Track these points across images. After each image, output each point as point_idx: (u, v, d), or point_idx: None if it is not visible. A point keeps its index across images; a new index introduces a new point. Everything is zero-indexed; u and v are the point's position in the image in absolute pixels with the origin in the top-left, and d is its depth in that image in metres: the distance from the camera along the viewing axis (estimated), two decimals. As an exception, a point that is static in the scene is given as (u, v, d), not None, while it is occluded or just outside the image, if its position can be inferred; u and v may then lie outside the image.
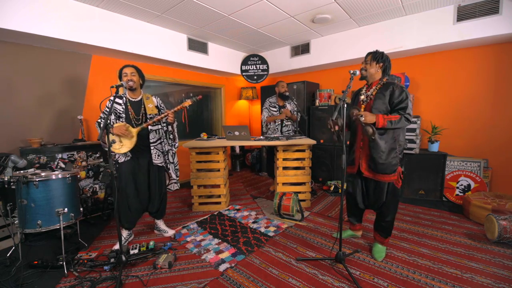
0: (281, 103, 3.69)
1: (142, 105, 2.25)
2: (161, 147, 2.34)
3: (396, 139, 1.93)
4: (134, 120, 2.21)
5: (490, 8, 2.81)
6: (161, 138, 2.33)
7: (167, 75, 4.26)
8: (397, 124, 1.83)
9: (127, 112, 2.19)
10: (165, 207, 2.55)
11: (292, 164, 3.21)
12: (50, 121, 3.02)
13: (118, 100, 2.22)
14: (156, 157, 2.30)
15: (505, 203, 2.64)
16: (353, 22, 3.58)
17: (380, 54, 1.97)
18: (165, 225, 2.61)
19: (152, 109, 2.28)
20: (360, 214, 2.32)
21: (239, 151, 5.49)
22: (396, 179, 1.97)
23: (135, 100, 2.25)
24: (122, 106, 2.20)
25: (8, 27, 2.36)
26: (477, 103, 3.29)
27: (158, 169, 2.36)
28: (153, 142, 2.29)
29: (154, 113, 2.27)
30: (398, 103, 1.86)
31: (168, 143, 2.40)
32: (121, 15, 3.19)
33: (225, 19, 3.40)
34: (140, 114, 2.23)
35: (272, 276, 1.88)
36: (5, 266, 2.01)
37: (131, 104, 2.22)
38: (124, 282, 1.83)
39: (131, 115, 2.20)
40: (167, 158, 2.43)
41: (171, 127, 2.38)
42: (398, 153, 1.95)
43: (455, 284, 1.75)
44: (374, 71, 1.97)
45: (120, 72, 2.23)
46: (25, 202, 1.94)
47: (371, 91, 1.99)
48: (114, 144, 2.07)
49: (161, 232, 2.57)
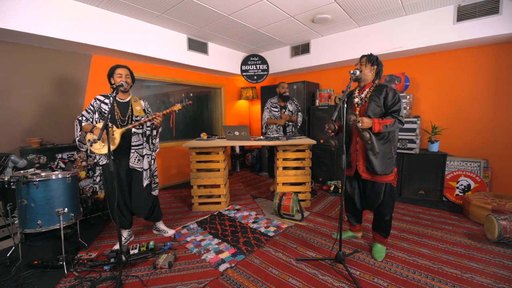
0: (282, 104, 3.70)
1: (129, 107, 2.21)
2: (141, 151, 2.27)
3: (390, 140, 1.96)
4: (120, 121, 2.16)
5: (490, 8, 2.81)
6: (143, 143, 2.27)
7: (167, 75, 4.26)
8: (392, 127, 1.86)
9: (113, 112, 2.13)
10: (159, 210, 2.51)
11: (292, 164, 3.21)
12: (50, 121, 3.02)
13: (105, 99, 2.17)
14: (135, 161, 2.21)
15: (505, 203, 2.64)
16: (353, 22, 3.58)
17: (374, 57, 2.02)
18: (164, 225, 2.60)
19: (139, 111, 2.24)
20: (359, 215, 2.34)
21: (239, 151, 5.49)
22: (393, 179, 1.99)
23: (123, 101, 2.21)
24: (108, 106, 2.14)
25: (8, 27, 2.36)
26: (477, 103, 3.29)
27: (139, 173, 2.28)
28: (135, 145, 2.22)
29: (141, 115, 2.25)
30: (392, 106, 1.90)
31: (150, 148, 2.31)
32: (121, 15, 3.19)
33: (225, 19, 3.40)
34: (126, 115, 2.18)
35: (272, 276, 1.88)
36: (5, 266, 2.01)
37: (118, 105, 2.18)
38: (124, 282, 1.83)
39: (117, 116, 2.15)
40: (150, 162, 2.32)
41: (156, 131, 2.32)
42: (393, 154, 1.98)
43: (455, 284, 1.75)
44: (368, 72, 2.00)
45: (111, 72, 2.16)
46: (25, 202, 1.94)
47: (364, 93, 2.01)
48: (95, 144, 2.00)
49: (161, 233, 2.56)
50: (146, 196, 2.34)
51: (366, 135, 1.79)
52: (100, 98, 2.18)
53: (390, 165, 1.95)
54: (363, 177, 2.04)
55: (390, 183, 1.99)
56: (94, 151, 2.10)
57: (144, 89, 4.10)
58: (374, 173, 1.97)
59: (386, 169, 1.94)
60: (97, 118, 2.15)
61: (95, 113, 2.14)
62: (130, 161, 2.20)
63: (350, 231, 2.44)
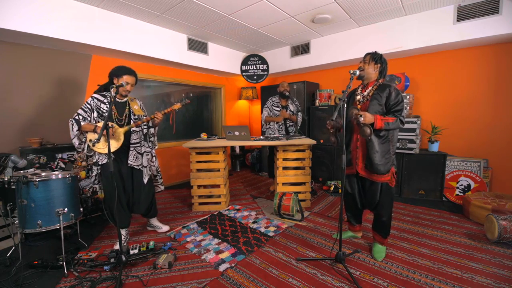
0: (284, 103, 3.70)
1: (126, 107, 2.23)
2: (140, 149, 2.31)
3: (390, 139, 1.96)
4: (117, 121, 2.18)
5: (490, 8, 2.81)
6: (141, 141, 2.31)
7: (167, 75, 4.26)
8: (393, 126, 1.86)
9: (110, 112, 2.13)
10: (156, 207, 2.59)
11: (292, 164, 3.21)
12: (50, 121, 3.02)
13: (102, 98, 2.16)
14: (134, 159, 2.25)
15: (505, 203, 2.64)
16: (353, 22, 3.58)
17: (378, 55, 2.00)
18: (158, 221, 2.64)
19: (138, 110, 2.28)
20: (359, 214, 2.33)
21: (239, 151, 5.49)
22: (390, 179, 1.97)
23: (120, 101, 2.23)
24: (106, 105, 2.15)
25: (8, 27, 2.36)
26: (477, 103, 3.29)
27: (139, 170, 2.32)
28: (134, 143, 2.26)
29: (140, 114, 2.28)
30: (394, 105, 1.90)
31: (148, 145, 2.38)
32: (121, 15, 3.19)
33: (225, 19, 3.40)
34: (123, 115, 2.20)
35: (272, 276, 1.88)
36: (5, 266, 2.01)
37: (116, 104, 2.19)
38: (124, 282, 1.83)
39: (114, 115, 2.16)
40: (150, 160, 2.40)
41: (154, 129, 2.38)
42: (391, 154, 1.97)
43: (455, 284, 1.75)
44: (371, 71, 1.99)
45: (118, 74, 2.15)
46: (25, 202, 1.94)
47: (367, 91, 2.00)
48: (98, 143, 1.98)
49: (155, 228, 2.59)
50: (146, 192, 2.39)
51: (367, 130, 1.78)
52: (99, 98, 2.16)
53: (385, 165, 1.94)
54: (360, 174, 2.05)
55: (386, 183, 1.98)
56: (97, 151, 2.10)
57: (144, 89, 4.10)
58: (372, 171, 1.97)
59: (381, 169, 1.93)
60: (95, 117, 2.13)
61: (93, 111, 2.12)
62: (129, 159, 2.23)
63: (350, 231, 2.44)
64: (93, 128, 2.05)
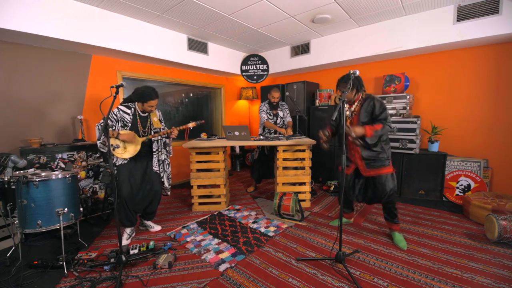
0: (274, 112, 3.70)
1: (148, 119, 2.49)
2: (160, 156, 2.57)
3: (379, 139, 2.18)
4: (141, 132, 2.43)
5: (490, 8, 2.81)
6: (160, 148, 2.57)
7: (167, 75, 4.26)
8: (382, 131, 2.09)
9: (136, 123, 2.39)
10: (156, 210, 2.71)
11: (292, 164, 3.21)
12: (50, 121, 3.02)
13: (127, 110, 2.37)
14: (155, 164, 2.50)
15: (505, 203, 2.64)
16: (353, 22, 3.58)
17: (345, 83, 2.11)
18: (151, 221, 2.70)
19: (157, 123, 2.53)
20: (351, 204, 2.66)
21: (239, 151, 5.49)
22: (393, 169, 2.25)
23: (143, 115, 2.46)
24: (130, 116, 2.37)
25: (8, 27, 2.36)
26: (477, 103, 3.29)
27: (155, 174, 2.50)
28: (155, 150, 2.51)
29: (159, 127, 2.54)
30: (379, 115, 2.13)
31: (166, 153, 2.65)
32: (121, 15, 3.19)
33: (225, 19, 3.40)
34: (146, 127, 2.47)
35: (272, 276, 1.88)
36: (5, 266, 2.01)
37: (140, 118, 2.43)
38: (124, 282, 1.83)
39: (139, 127, 2.42)
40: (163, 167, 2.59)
41: (169, 140, 2.67)
42: (385, 149, 2.21)
43: (455, 284, 1.75)
44: (350, 95, 2.20)
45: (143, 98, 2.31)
46: (25, 202, 1.94)
47: (354, 106, 2.26)
48: (118, 149, 2.24)
49: (147, 228, 2.67)
50: (159, 196, 2.56)
51: (357, 142, 2.19)
52: (124, 110, 2.35)
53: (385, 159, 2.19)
54: (366, 175, 2.25)
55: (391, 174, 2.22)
56: (117, 155, 2.27)
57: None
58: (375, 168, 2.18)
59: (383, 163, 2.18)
60: (120, 127, 2.32)
61: (118, 122, 2.32)
62: (153, 165, 2.49)
63: (344, 218, 2.73)
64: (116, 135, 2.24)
